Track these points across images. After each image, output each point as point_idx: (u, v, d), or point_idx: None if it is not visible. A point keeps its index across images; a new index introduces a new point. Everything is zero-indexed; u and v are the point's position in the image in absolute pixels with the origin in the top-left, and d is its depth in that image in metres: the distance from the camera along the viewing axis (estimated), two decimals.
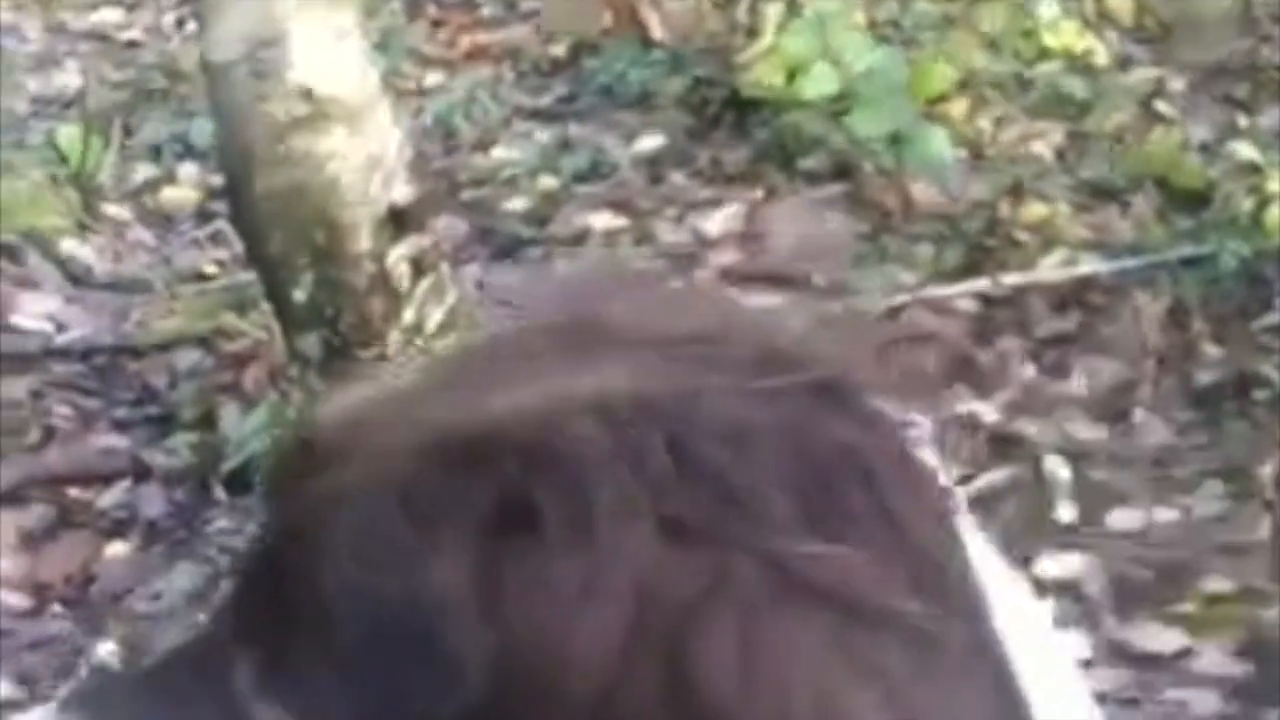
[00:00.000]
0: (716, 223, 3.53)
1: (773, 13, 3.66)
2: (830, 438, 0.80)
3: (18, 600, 2.66)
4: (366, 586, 0.80)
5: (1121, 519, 2.81)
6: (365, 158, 2.89)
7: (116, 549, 2.79)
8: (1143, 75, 3.72)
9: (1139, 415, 3.00)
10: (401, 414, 0.84)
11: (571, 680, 0.77)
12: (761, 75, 3.61)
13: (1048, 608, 0.82)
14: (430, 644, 0.79)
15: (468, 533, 0.79)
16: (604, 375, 0.81)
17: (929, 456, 0.82)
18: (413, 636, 0.80)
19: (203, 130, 3.55)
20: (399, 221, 2.90)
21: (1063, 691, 0.83)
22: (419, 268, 2.91)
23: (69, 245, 3.43)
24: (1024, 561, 2.53)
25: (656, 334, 0.84)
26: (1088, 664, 2.40)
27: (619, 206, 3.59)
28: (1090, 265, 3.27)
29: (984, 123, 3.58)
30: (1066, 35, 3.70)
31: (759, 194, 3.58)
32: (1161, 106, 3.62)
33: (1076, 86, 3.64)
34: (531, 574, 0.78)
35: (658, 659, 0.76)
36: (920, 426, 0.83)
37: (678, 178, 3.66)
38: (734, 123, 3.71)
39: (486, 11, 4.30)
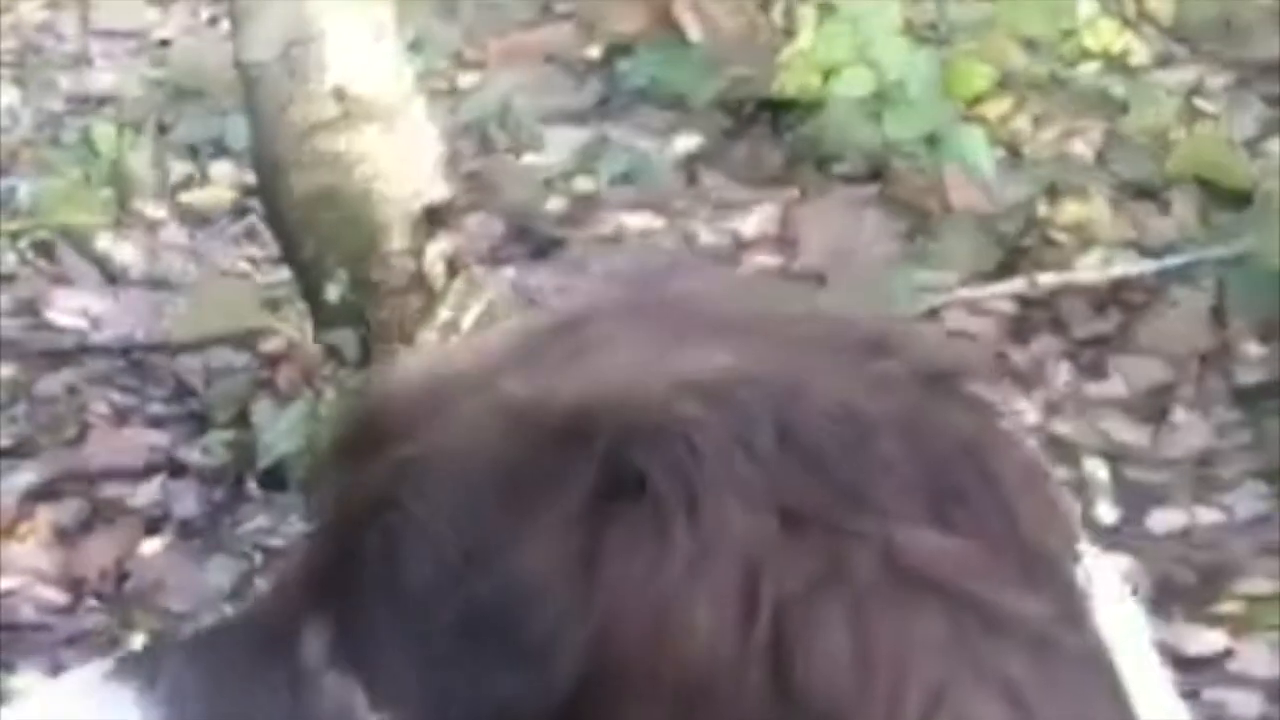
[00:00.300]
0: (752, 224, 3.52)
1: (809, 14, 3.65)
2: (947, 428, 0.78)
3: (53, 595, 2.67)
4: (454, 559, 0.78)
5: (1162, 520, 2.79)
6: (400, 157, 2.89)
7: (151, 545, 2.79)
8: (1182, 74, 3.70)
9: (1179, 416, 2.98)
10: (486, 385, 0.81)
11: (671, 665, 0.74)
12: (797, 76, 3.60)
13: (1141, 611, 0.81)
14: (521, 622, 0.76)
15: (566, 507, 0.76)
16: (705, 354, 0.79)
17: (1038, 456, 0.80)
18: (502, 613, 0.77)
19: (237, 129, 3.55)
20: (433, 221, 2.90)
21: (1158, 699, 0.81)
22: (453, 267, 2.90)
23: (104, 243, 3.44)
24: None
25: (754, 315, 0.82)
26: None
27: (654, 207, 3.59)
28: (1129, 265, 3.25)
29: (1022, 122, 3.57)
30: (1105, 34, 3.68)
31: (794, 195, 3.57)
32: (1201, 105, 3.60)
33: (1115, 85, 3.62)
34: (634, 553, 0.75)
35: (764, 647, 0.73)
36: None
37: (713, 178, 3.65)
38: (769, 124, 3.70)
39: (521, 13, 4.30)
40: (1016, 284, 3.23)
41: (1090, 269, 3.27)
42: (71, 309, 3.29)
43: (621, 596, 0.75)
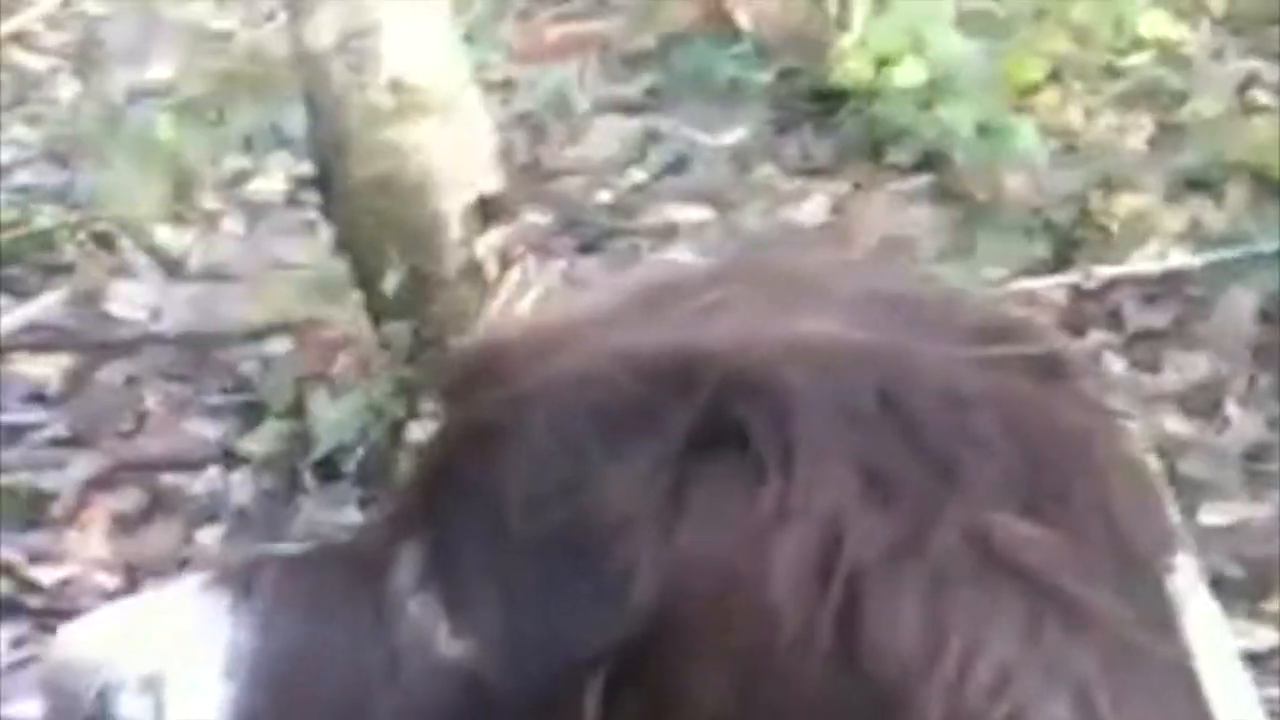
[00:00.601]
0: (804, 215, 3.52)
1: (862, 4, 3.65)
2: (1055, 421, 0.78)
3: (111, 583, 2.70)
4: (546, 491, 0.79)
5: (1213, 515, 2.78)
6: (455, 148, 2.90)
7: (208, 534, 2.82)
8: (1237, 65, 3.68)
9: (1232, 410, 2.97)
10: (597, 333, 0.83)
11: (742, 614, 0.75)
12: (850, 66, 3.59)
13: (1223, 620, 0.80)
14: (603, 555, 0.78)
15: (661, 449, 0.77)
16: (816, 322, 0.80)
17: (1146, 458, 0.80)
18: (586, 545, 0.78)
19: (295, 120, 3.57)
20: (488, 212, 2.92)
21: (1241, 712, 0.81)
22: (507, 258, 2.92)
23: (163, 234, 3.47)
24: None
25: (867, 291, 0.82)
26: None
27: (706, 199, 3.59)
28: (1183, 258, 3.24)
29: (1075, 113, 3.55)
30: (1159, 25, 3.66)
31: (846, 186, 3.56)
32: (1257, 96, 3.58)
33: (1169, 77, 3.60)
34: (721, 499, 0.76)
35: (836, 608, 0.74)
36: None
37: (765, 170, 3.65)
38: (822, 115, 3.70)
39: (574, 4, 4.31)
40: (1069, 276, 3.22)
41: (1143, 261, 3.25)
42: (130, 300, 3.32)
43: (703, 539, 0.76)
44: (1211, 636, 0.81)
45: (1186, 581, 0.80)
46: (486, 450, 0.82)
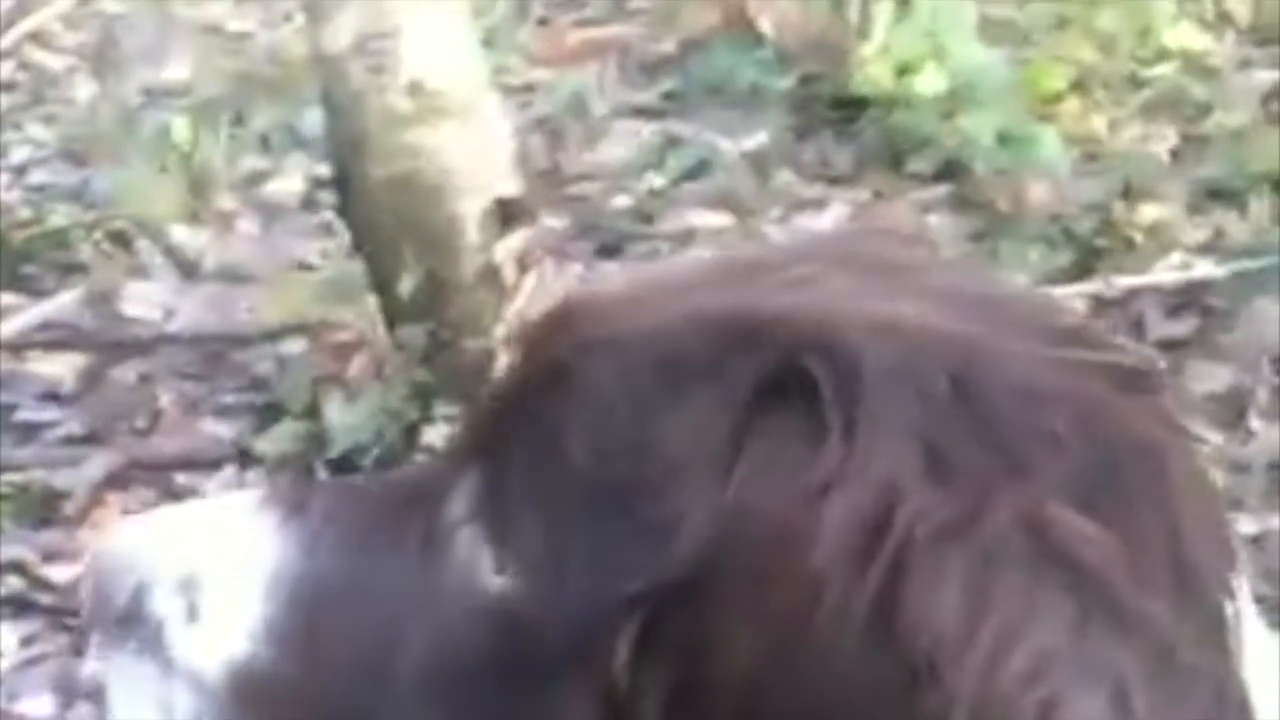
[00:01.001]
0: (823, 222, 3.51)
1: (884, 11, 3.63)
2: (1129, 427, 0.78)
3: None
4: (606, 436, 0.80)
5: (1237, 526, 2.76)
6: (473, 151, 2.89)
7: None
8: (1262, 76, 3.66)
9: (1255, 422, 2.95)
10: (674, 295, 0.84)
11: (787, 571, 0.75)
12: (871, 74, 3.58)
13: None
14: (655, 501, 0.78)
15: (724, 397, 0.78)
16: (897, 303, 0.80)
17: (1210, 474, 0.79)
18: (639, 491, 0.79)
19: (312, 122, 3.56)
20: (506, 216, 2.91)
21: None
22: (525, 262, 2.91)
23: (179, 234, 3.46)
24: None
25: (948, 283, 0.83)
26: None
27: (725, 204, 3.58)
28: (1206, 268, 3.22)
29: (1098, 123, 3.54)
30: (1184, 35, 3.65)
31: (866, 194, 3.55)
32: None
33: (1193, 87, 3.59)
34: (779, 452, 0.76)
35: (880, 577, 0.73)
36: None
37: (784, 176, 3.64)
38: (842, 122, 3.69)
39: (593, 8, 4.30)
40: (1091, 286, 3.20)
41: (1166, 272, 3.24)
42: (145, 300, 3.31)
43: (756, 490, 0.76)
44: (1264, 661, 0.80)
45: (1242, 605, 0.80)
46: (552, 391, 0.82)
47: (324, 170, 3.36)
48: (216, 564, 0.88)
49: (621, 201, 3.61)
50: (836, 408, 0.76)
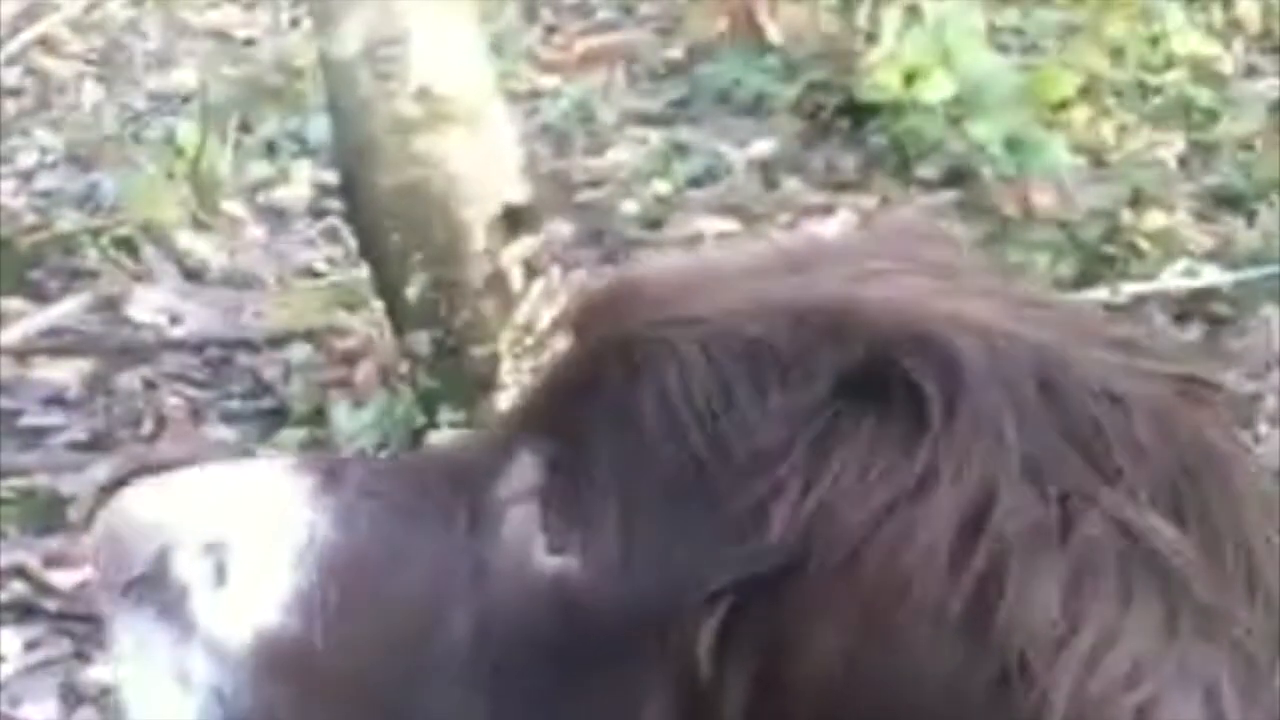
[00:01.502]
0: (830, 228, 3.50)
1: (892, 18, 3.63)
2: (1198, 433, 0.79)
3: None
4: (690, 420, 0.78)
5: None
6: (481, 158, 2.89)
7: None
8: (1270, 84, 3.66)
9: (1264, 428, 2.94)
10: (746, 280, 0.83)
11: (879, 569, 0.74)
12: (879, 80, 3.58)
13: None
14: (743, 492, 0.77)
15: (815, 392, 0.77)
16: (973, 306, 0.80)
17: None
18: (726, 480, 0.77)
19: (318, 128, 3.57)
20: (513, 222, 2.90)
21: None
22: (532, 269, 2.90)
23: (185, 240, 3.46)
24: None
25: (1013, 290, 0.84)
26: None
27: (732, 211, 3.57)
28: (1213, 276, 3.21)
29: (1106, 130, 3.53)
30: (1192, 43, 3.64)
31: (873, 200, 3.54)
32: None
33: (1202, 95, 3.58)
34: (874, 450, 0.76)
35: (976, 578, 0.73)
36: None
37: (791, 183, 3.63)
38: (848, 128, 3.68)
39: (601, 16, 4.30)
40: (1098, 293, 3.19)
41: (1173, 278, 3.23)
42: (151, 305, 3.31)
43: (850, 487, 0.75)
44: None
45: None
46: (625, 372, 0.80)
47: (330, 177, 3.36)
48: (246, 528, 0.85)
49: (629, 208, 3.61)
50: (936, 406, 0.75)
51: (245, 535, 0.84)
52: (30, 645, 2.56)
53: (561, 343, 0.88)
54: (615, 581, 0.78)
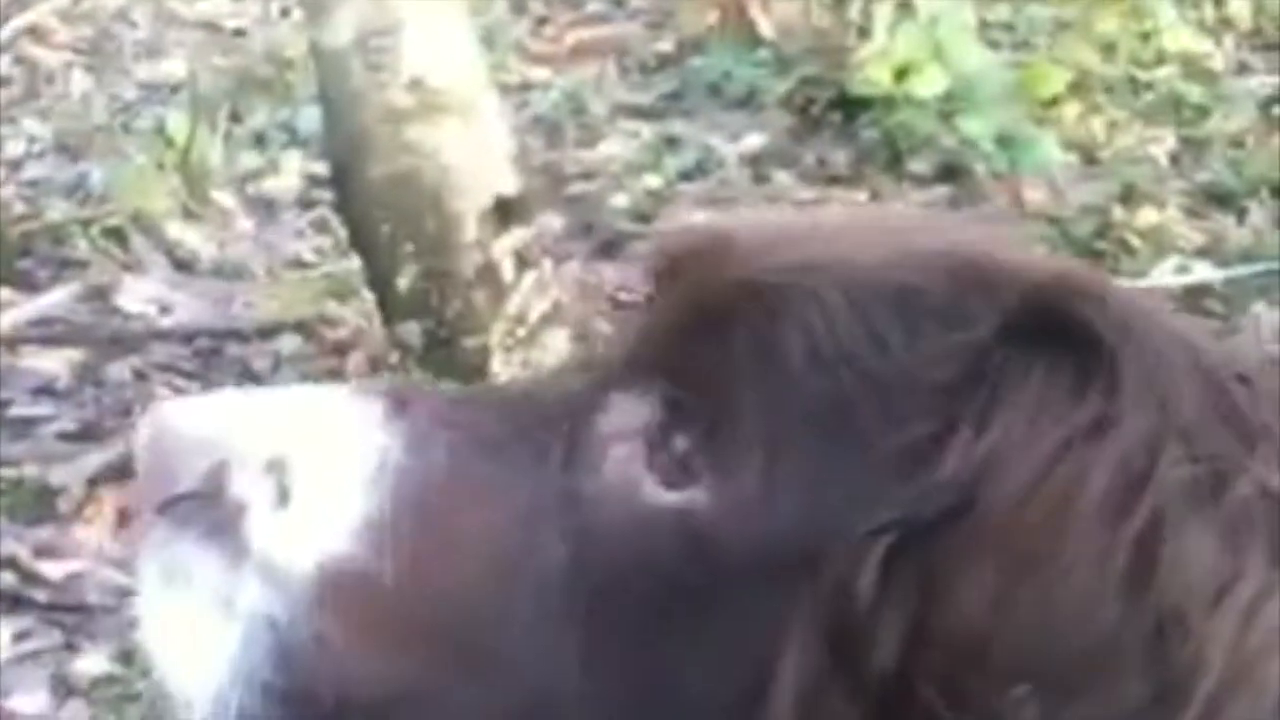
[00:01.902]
0: None
1: (884, 13, 3.63)
2: None
3: (118, 578, 2.67)
4: (839, 357, 0.77)
5: None
6: (472, 149, 2.88)
7: None
8: (1261, 81, 3.66)
9: None
10: (870, 231, 0.83)
11: (1047, 514, 0.74)
12: (871, 75, 3.58)
13: None
14: (903, 432, 0.76)
15: (975, 337, 0.77)
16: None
17: None
18: (883, 419, 0.76)
19: (308, 118, 3.56)
20: (504, 214, 2.90)
21: None
22: (523, 260, 2.90)
23: (175, 230, 3.45)
24: None
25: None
26: None
27: (723, 204, 3.57)
28: (1204, 272, 3.22)
29: (1097, 126, 3.54)
30: (1183, 39, 3.65)
31: (865, 195, 3.54)
32: None
33: (1193, 91, 3.59)
34: (1045, 393, 0.75)
35: (1138, 530, 0.74)
36: None
37: (782, 177, 3.63)
38: (840, 123, 3.68)
39: (592, 8, 4.29)
40: None
41: (1164, 275, 3.23)
42: (141, 296, 3.30)
43: (1021, 431, 0.75)
44: None
45: None
46: (765, 315, 0.78)
47: (321, 167, 3.35)
48: (312, 449, 0.79)
49: (619, 201, 3.60)
50: (1106, 357, 0.76)
51: (311, 456, 0.79)
52: (20, 636, 2.56)
53: (654, 289, 0.83)
54: (755, 518, 0.76)
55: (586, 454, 0.79)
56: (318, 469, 0.79)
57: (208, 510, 0.80)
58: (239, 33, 4.18)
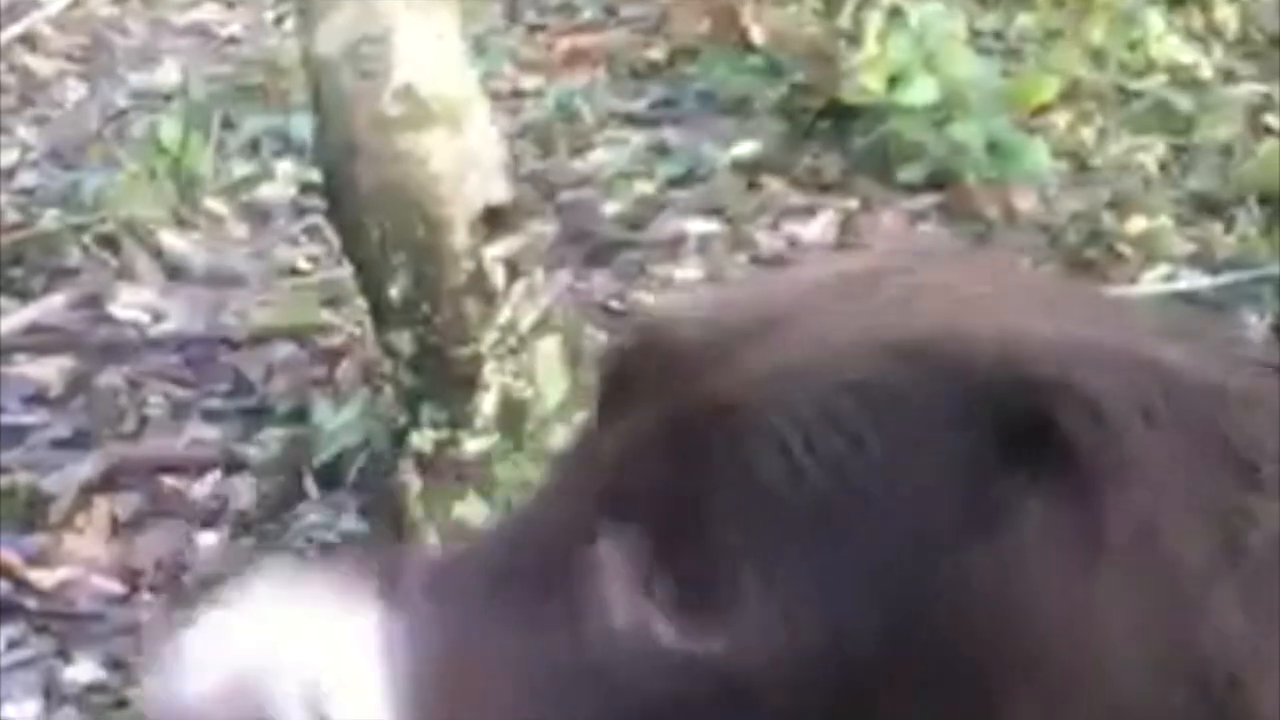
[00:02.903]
0: (812, 231, 3.51)
1: (875, 21, 3.64)
2: None
3: (110, 585, 2.68)
4: (821, 478, 0.73)
5: None
6: (464, 157, 2.89)
7: (208, 538, 2.80)
8: (1249, 89, 3.67)
9: None
10: (817, 317, 0.78)
11: (1072, 649, 0.72)
12: (862, 83, 3.59)
13: None
14: (901, 557, 0.72)
15: (962, 446, 0.73)
16: (1052, 324, 0.76)
17: None
18: (879, 543, 0.73)
19: (300, 126, 3.56)
20: (495, 222, 2.90)
21: None
22: (514, 268, 2.90)
23: (167, 237, 3.46)
24: None
25: (1065, 293, 0.81)
26: None
27: (714, 212, 3.58)
28: (1193, 280, 3.23)
29: (1087, 134, 3.55)
30: (1172, 48, 3.66)
31: (856, 203, 3.55)
32: (1269, 120, 3.57)
33: (1182, 99, 3.60)
34: (1044, 509, 0.72)
35: (1163, 630, 0.72)
36: None
37: (774, 184, 3.64)
38: (831, 130, 3.69)
39: (585, 16, 4.30)
40: None
41: (1153, 283, 3.24)
42: (133, 303, 3.31)
43: (1028, 554, 0.72)
44: None
45: None
46: (736, 436, 0.74)
47: (313, 175, 3.36)
48: (333, 666, 0.78)
49: (611, 208, 3.61)
50: (1099, 460, 0.72)
51: (335, 672, 0.79)
52: (11, 644, 2.56)
53: (606, 407, 0.80)
54: (766, 653, 0.74)
55: (589, 605, 0.78)
56: (349, 691, 0.79)
57: None
58: (232, 40, 4.19)
